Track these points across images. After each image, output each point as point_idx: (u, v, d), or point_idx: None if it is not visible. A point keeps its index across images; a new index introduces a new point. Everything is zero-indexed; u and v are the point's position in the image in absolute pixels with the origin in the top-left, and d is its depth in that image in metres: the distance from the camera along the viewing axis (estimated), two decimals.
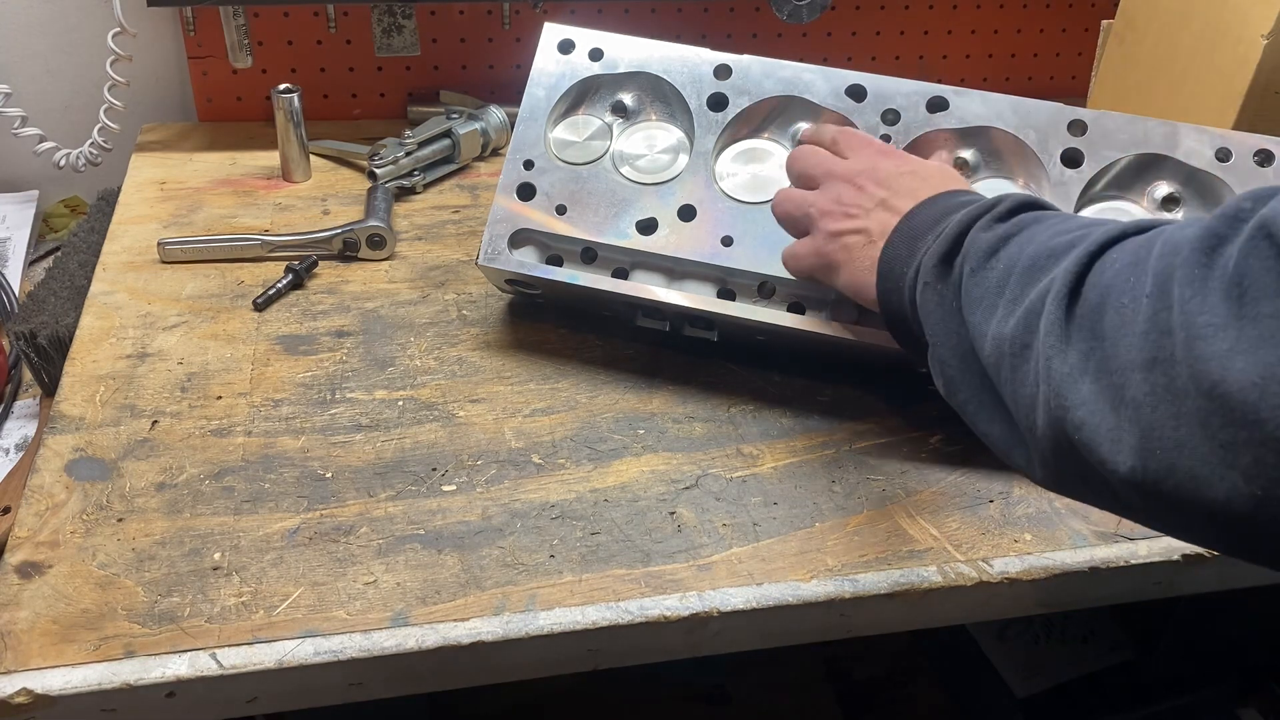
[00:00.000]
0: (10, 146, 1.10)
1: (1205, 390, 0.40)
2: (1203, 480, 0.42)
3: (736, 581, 0.65)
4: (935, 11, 1.29)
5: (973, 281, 0.57)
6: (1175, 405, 0.42)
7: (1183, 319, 0.42)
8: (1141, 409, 0.44)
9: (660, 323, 0.83)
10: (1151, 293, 0.44)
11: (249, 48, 1.11)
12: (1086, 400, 0.46)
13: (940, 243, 0.60)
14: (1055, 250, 0.52)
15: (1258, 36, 0.86)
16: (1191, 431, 0.42)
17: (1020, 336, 0.51)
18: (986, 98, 0.80)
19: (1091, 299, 0.48)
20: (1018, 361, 0.51)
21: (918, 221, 0.65)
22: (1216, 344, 0.40)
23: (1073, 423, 0.47)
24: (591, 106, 0.85)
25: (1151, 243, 0.47)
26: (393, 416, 0.77)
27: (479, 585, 0.64)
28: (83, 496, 0.69)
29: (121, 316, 0.86)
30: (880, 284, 0.66)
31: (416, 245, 0.98)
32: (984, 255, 0.57)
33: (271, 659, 0.59)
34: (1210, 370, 0.40)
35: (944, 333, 0.59)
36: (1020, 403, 0.52)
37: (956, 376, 0.58)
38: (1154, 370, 0.43)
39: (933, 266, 0.60)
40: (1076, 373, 0.47)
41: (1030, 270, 0.53)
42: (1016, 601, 0.69)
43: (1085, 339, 0.47)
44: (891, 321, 0.66)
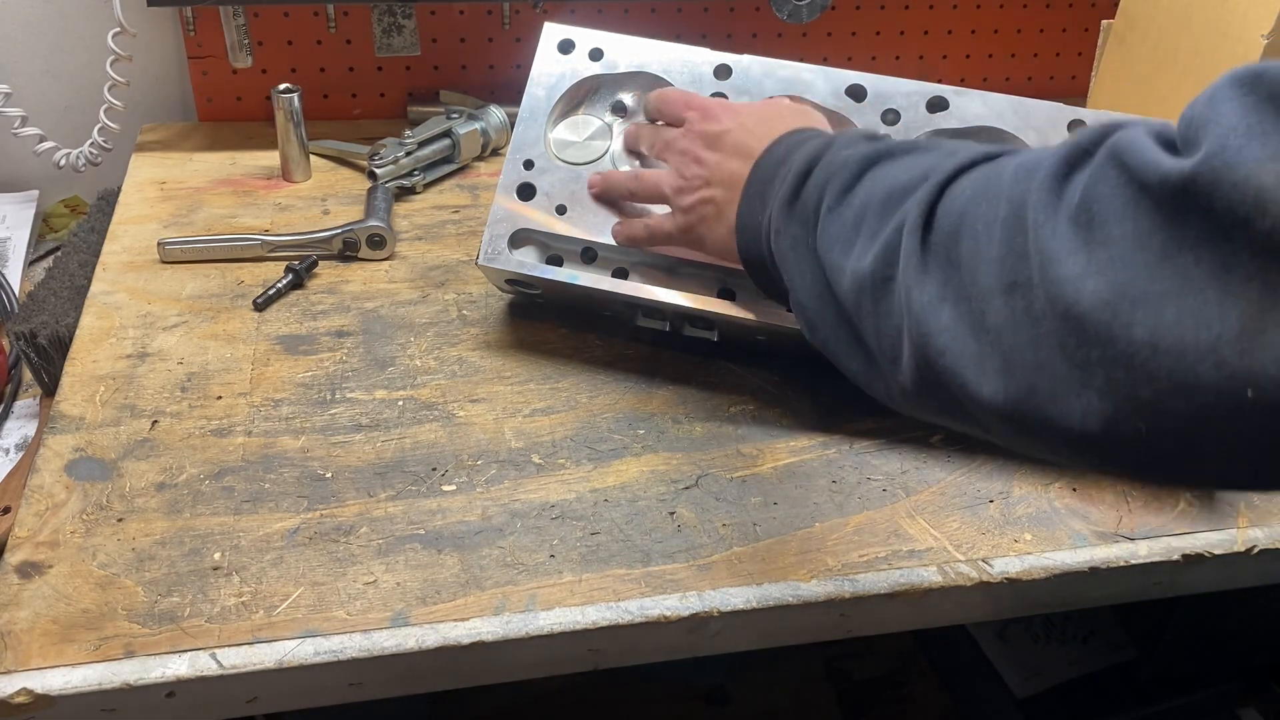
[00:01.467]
0: (10, 146, 1.10)
1: (1060, 313, 0.41)
2: (1061, 400, 0.42)
3: (736, 581, 0.65)
4: (935, 11, 1.29)
5: (829, 220, 0.57)
6: (1034, 328, 0.43)
7: (1036, 244, 0.43)
8: (1002, 333, 0.45)
9: (660, 323, 0.83)
10: (1006, 218, 0.45)
11: (249, 48, 1.11)
12: (948, 327, 0.47)
13: (785, 186, 0.61)
14: (909, 184, 0.53)
15: (1258, 36, 0.86)
16: (1050, 354, 0.42)
17: (880, 270, 0.52)
18: (986, 98, 0.80)
19: (945, 226, 0.49)
20: (879, 294, 0.52)
21: (761, 174, 0.66)
22: (1069, 267, 0.41)
23: (936, 349, 0.48)
24: (591, 106, 0.85)
25: (1002, 169, 0.48)
26: (393, 416, 0.77)
27: (479, 585, 0.64)
28: (83, 496, 0.69)
29: (121, 316, 0.86)
30: (739, 239, 0.68)
31: (416, 245, 0.98)
32: (839, 192, 0.57)
33: (271, 659, 0.59)
34: (1065, 293, 0.41)
35: (799, 274, 0.60)
36: (884, 336, 0.52)
37: (815, 317, 0.59)
38: (1013, 295, 0.44)
39: (781, 211, 0.61)
40: (936, 300, 0.48)
41: (885, 205, 0.54)
42: (1016, 601, 0.69)
43: (942, 266, 0.48)
44: (756, 274, 0.68)
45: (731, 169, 0.69)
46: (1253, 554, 0.71)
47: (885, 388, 0.54)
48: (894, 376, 0.52)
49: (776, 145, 0.67)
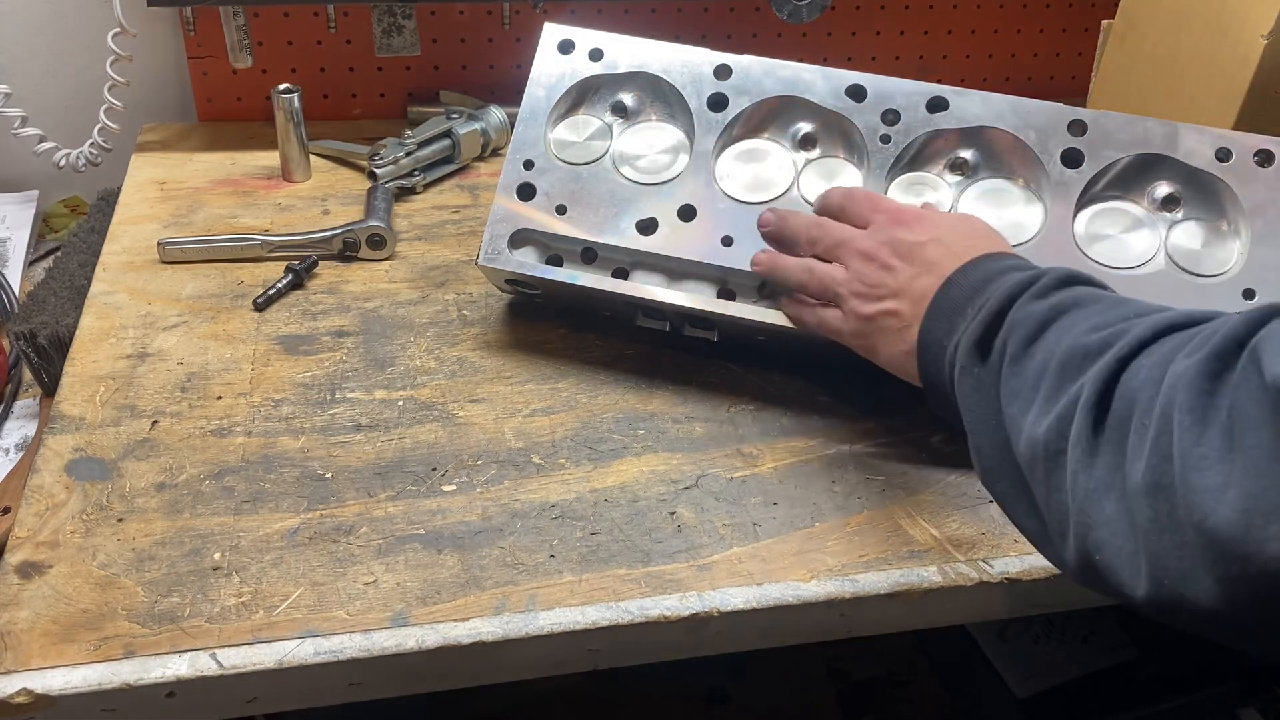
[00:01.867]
0: (10, 146, 1.10)
1: (1196, 523, 0.40)
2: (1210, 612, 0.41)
3: (736, 581, 0.65)
4: (935, 11, 1.29)
5: (1011, 371, 0.55)
6: (1177, 535, 0.42)
7: (1180, 447, 0.41)
8: (1149, 536, 0.43)
9: (660, 323, 0.83)
10: (1158, 417, 0.43)
11: (249, 48, 1.11)
12: (1109, 520, 0.46)
13: (975, 326, 0.58)
14: (1089, 349, 0.51)
15: (1258, 36, 0.86)
16: (1194, 563, 0.41)
17: (1054, 442, 0.50)
18: (986, 98, 0.80)
19: (1119, 411, 0.47)
20: (1052, 466, 0.50)
21: (955, 295, 0.62)
22: (1209, 477, 0.40)
23: (1094, 543, 0.46)
24: (591, 106, 0.85)
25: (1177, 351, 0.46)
26: (393, 416, 0.77)
27: (479, 585, 0.64)
28: (83, 496, 0.69)
29: (121, 316, 0.86)
30: (921, 358, 0.64)
31: (416, 245, 0.98)
32: (1023, 343, 0.55)
33: (271, 659, 0.59)
34: (1202, 503, 0.40)
35: (980, 421, 0.57)
36: (1052, 509, 0.50)
37: (994, 468, 0.56)
38: (1157, 497, 0.43)
39: (969, 350, 0.58)
40: (1101, 489, 0.46)
41: (1064, 369, 0.51)
42: (1016, 601, 0.69)
43: (1112, 453, 0.46)
44: (934, 396, 0.64)
45: (923, 285, 0.64)
46: None
47: (1057, 555, 0.53)
48: (1062, 550, 0.51)
49: (972, 268, 0.63)
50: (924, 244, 0.66)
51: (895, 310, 0.66)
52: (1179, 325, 0.48)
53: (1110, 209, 0.79)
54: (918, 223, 0.68)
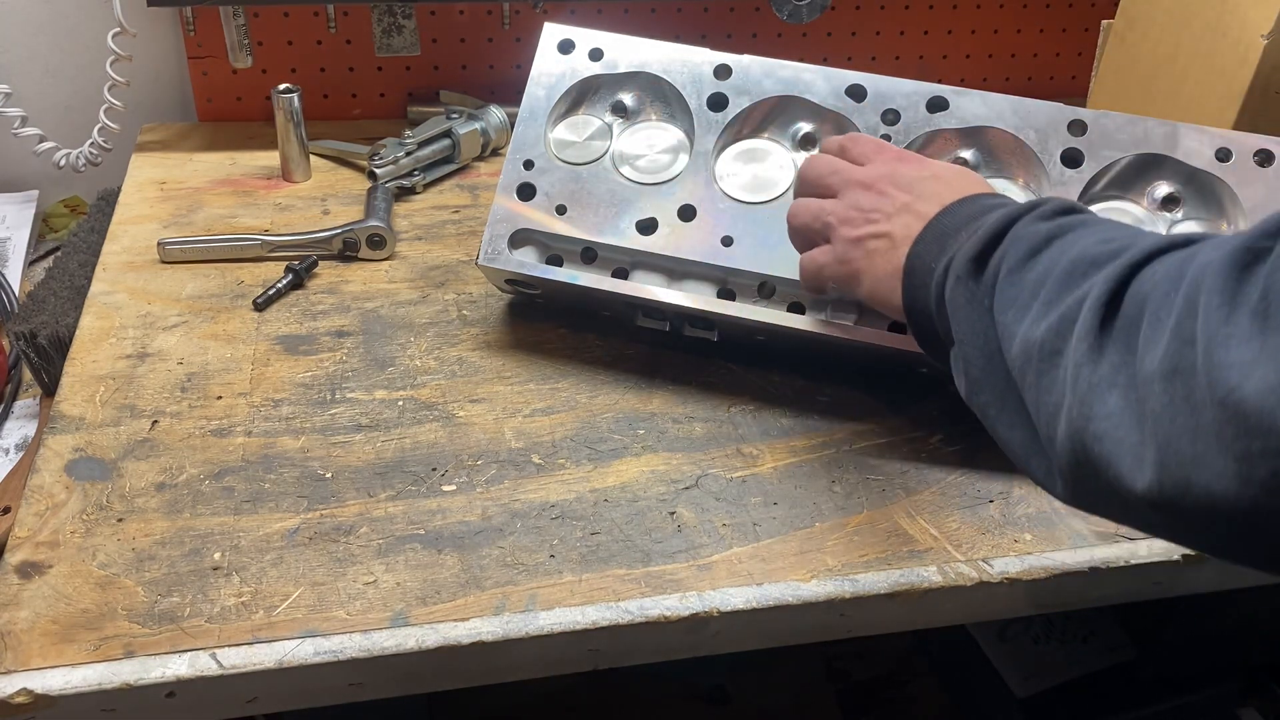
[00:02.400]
0: (10, 146, 1.10)
1: (1220, 399, 0.39)
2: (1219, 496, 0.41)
3: (736, 581, 0.65)
4: (935, 11, 1.29)
5: (1009, 281, 0.55)
6: (1193, 418, 0.41)
7: (1205, 328, 0.41)
8: (1160, 421, 0.43)
9: (660, 323, 0.83)
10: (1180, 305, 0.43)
11: (249, 48, 1.11)
12: (1112, 413, 0.45)
13: (976, 239, 0.58)
14: (1098, 258, 0.51)
15: (1258, 36, 0.86)
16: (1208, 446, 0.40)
17: (1051, 342, 0.50)
18: (986, 98, 0.80)
19: (1129, 312, 0.47)
20: (1045, 367, 0.50)
21: (949, 220, 0.63)
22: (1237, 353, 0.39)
23: (1094, 434, 0.46)
24: (591, 106, 0.85)
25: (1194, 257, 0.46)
26: (393, 416, 0.77)
27: (479, 585, 0.64)
28: (83, 496, 0.69)
29: (121, 316, 0.86)
30: (906, 281, 0.63)
31: (416, 245, 0.98)
32: (1024, 256, 0.55)
33: (271, 659, 0.59)
34: (1228, 377, 0.39)
35: (971, 331, 0.57)
36: (1043, 410, 0.50)
37: (980, 377, 0.56)
38: (1174, 380, 0.42)
39: (967, 261, 0.58)
40: (1105, 384, 0.46)
41: (1069, 275, 0.51)
42: (1016, 601, 0.69)
43: (1119, 351, 0.46)
44: (915, 320, 0.64)
45: (919, 211, 0.64)
46: None
47: (1045, 467, 0.52)
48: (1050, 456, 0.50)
49: (971, 201, 0.63)
50: (924, 178, 0.67)
51: (886, 232, 0.65)
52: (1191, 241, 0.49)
53: (1110, 209, 0.79)
54: (919, 163, 0.69)
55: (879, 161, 0.70)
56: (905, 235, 0.64)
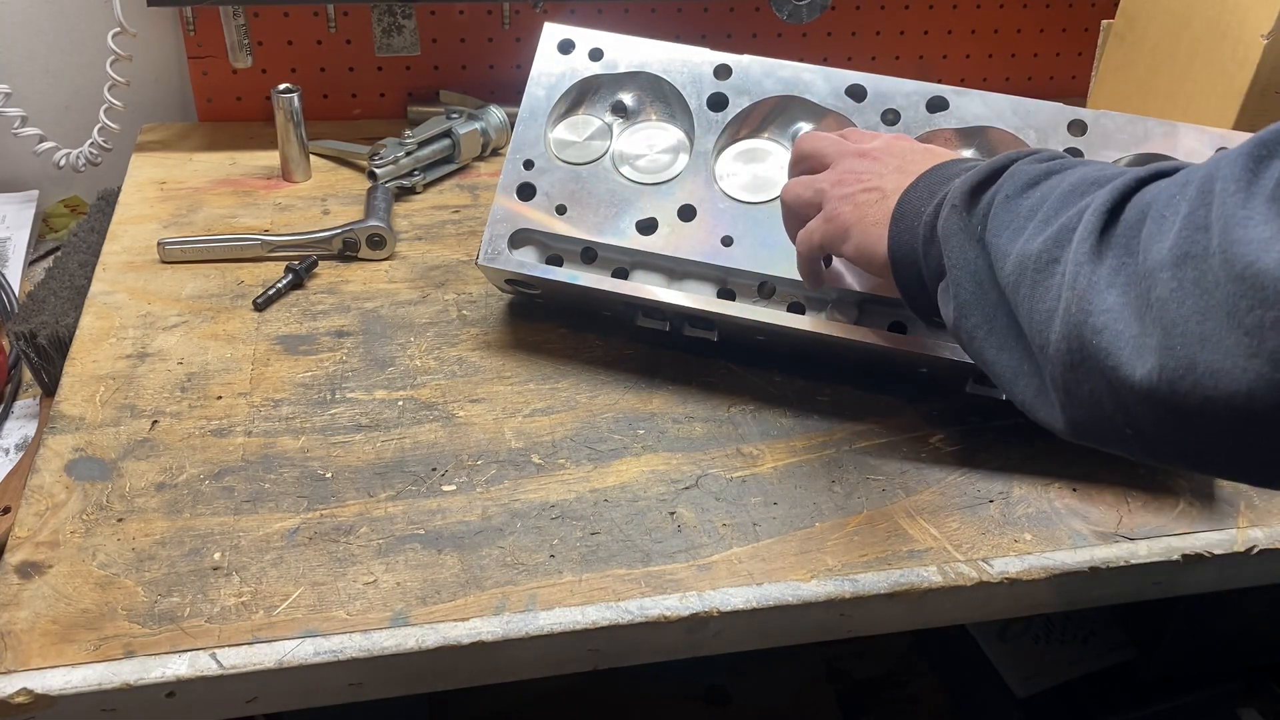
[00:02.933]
0: (10, 146, 1.10)
1: (1237, 273, 0.40)
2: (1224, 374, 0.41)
3: (736, 581, 0.65)
4: (935, 11, 1.29)
5: (1004, 207, 0.56)
6: (1202, 299, 0.42)
7: (1221, 212, 0.42)
8: (1166, 306, 0.43)
9: (660, 323, 0.83)
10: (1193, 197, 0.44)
11: (249, 48, 1.11)
12: (1110, 308, 0.46)
13: (976, 173, 0.59)
14: (1099, 179, 0.51)
15: (1258, 36, 0.86)
16: (1217, 324, 0.41)
17: (1049, 251, 0.50)
18: (986, 98, 0.80)
19: (1130, 217, 0.47)
20: (1041, 276, 0.50)
21: (943, 172, 0.63)
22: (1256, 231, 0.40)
23: (1093, 327, 0.46)
24: (591, 106, 0.85)
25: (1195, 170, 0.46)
26: (393, 416, 0.77)
27: (479, 585, 0.64)
28: (83, 496, 0.69)
29: (121, 316, 0.86)
30: (893, 226, 0.64)
31: (416, 245, 0.98)
32: (1022, 185, 0.56)
33: (271, 659, 0.59)
34: (1246, 253, 0.40)
35: (962, 258, 0.57)
36: (1036, 317, 0.51)
37: (970, 300, 0.57)
38: (1184, 266, 0.43)
39: (964, 191, 0.58)
40: (1104, 283, 0.47)
41: (1069, 195, 0.52)
42: (1016, 601, 0.69)
43: (1119, 254, 0.47)
44: (899, 266, 0.64)
45: (908, 169, 0.66)
46: (1253, 554, 0.71)
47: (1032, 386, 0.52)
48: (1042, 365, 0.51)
49: (965, 160, 0.65)
50: (918, 151, 0.68)
51: (877, 186, 0.66)
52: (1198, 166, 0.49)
53: None
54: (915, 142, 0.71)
55: (876, 140, 0.71)
56: (896, 187, 0.65)
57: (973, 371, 0.77)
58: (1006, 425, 0.78)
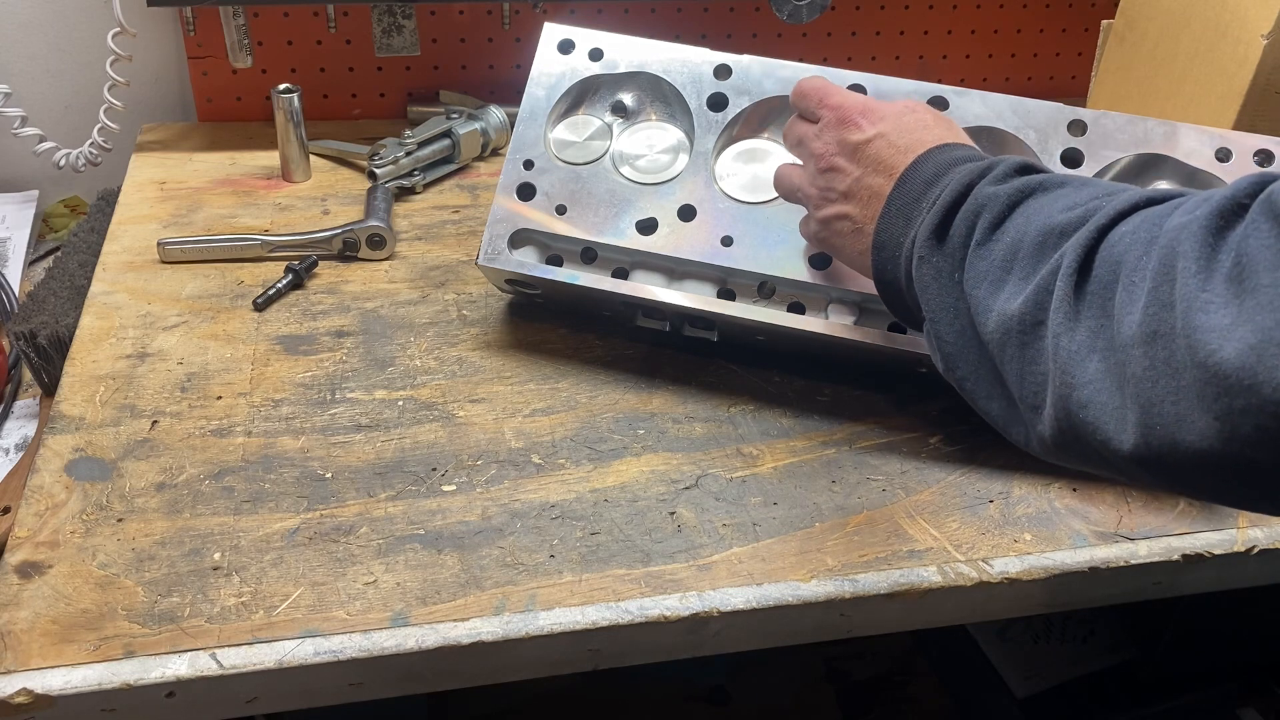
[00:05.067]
0: (10, 146, 1.10)
1: (1200, 361, 0.40)
2: (1204, 452, 0.42)
3: (736, 581, 0.65)
4: (935, 11, 1.29)
5: (977, 255, 0.55)
6: (1174, 380, 0.42)
7: (1183, 292, 0.42)
8: (1142, 384, 0.44)
9: (660, 323, 0.83)
10: (1156, 269, 0.44)
11: (249, 48, 1.11)
12: (1093, 379, 0.46)
13: (933, 214, 0.59)
14: (1065, 226, 0.51)
15: (1258, 36, 0.86)
16: (1190, 405, 0.41)
17: (1031, 314, 0.50)
18: (986, 98, 0.80)
19: (1102, 275, 0.47)
20: (1028, 339, 0.51)
21: (908, 190, 0.63)
22: (1215, 317, 0.40)
23: (1078, 401, 0.47)
24: (591, 106, 0.85)
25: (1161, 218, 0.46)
26: (393, 416, 0.77)
27: (479, 585, 0.64)
28: (83, 496, 0.69)
29: (121, 316, 0.86)
30: (875, 257, 0.65)
31: (416, 245, 0.98)
32: (989, 226, 0.55)
33: (271, 659, 0.59)
34: (1207, 340, 0.40)
35: (941, 308, 0.58)
36: (1027, 382, 0.51)
37: (954, 353, 0.57)
38: (1154, 345, 0.43)
39: (926, 239, 0.59)
40: (1084, 350, 0.47)
41: (1040, 246, 0.52)
42: (1016, 601, 0.69)
43: (1095, 316, 0.47)
44: (888, 295, 0.65)
45: (872, 185, 0.65)
46: (1253, 554, 0.71)
47: (1024, 433, 0.53)
48: (1034, 425, 0.51)
49: (923, 162, 0.63)
50: (869, 141, 0.67)
51: (846, 214, 0.67)
52: (1154, 200, 0.49)
53: None
54: (863, 117, 0.68)
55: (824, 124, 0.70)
56: (866, 215, 0.66)
57: None
58: None
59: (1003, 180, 0.58)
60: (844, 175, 0.67)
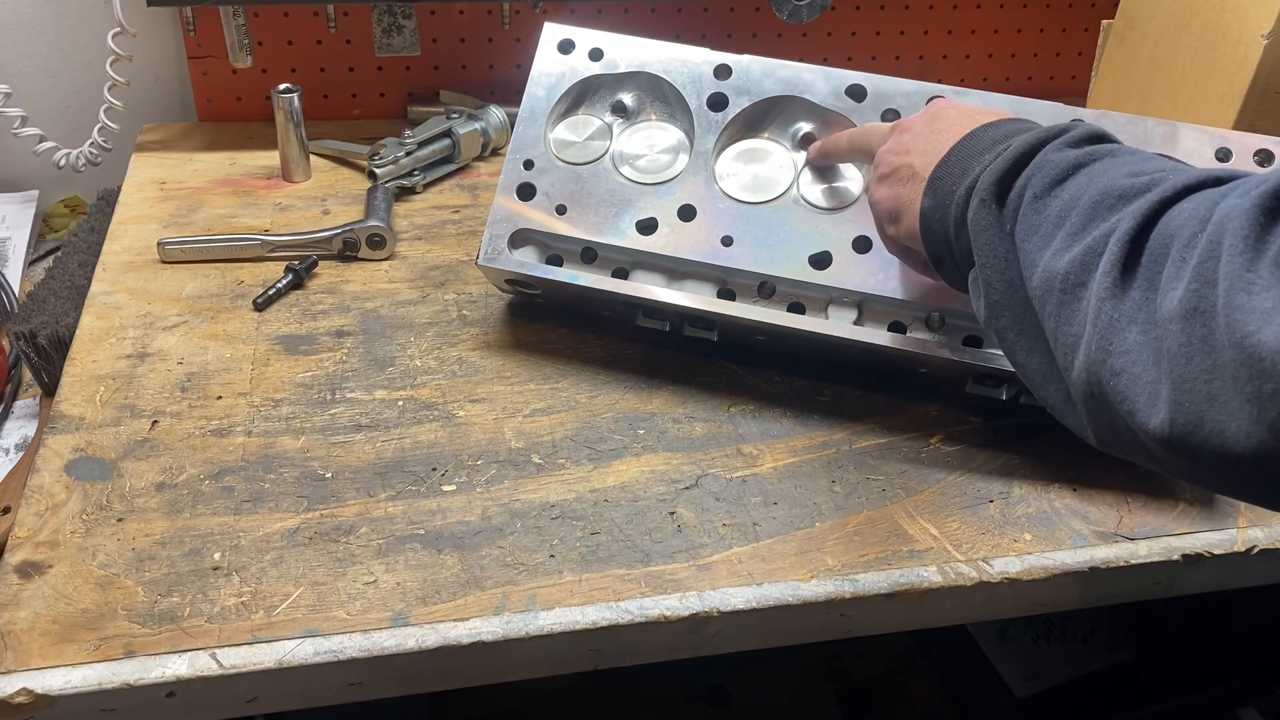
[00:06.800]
0: (10, 146, 1.10)
1: (1238, 341, 0.40)
2: (1230, 435, 0.41)
3: (736, 581, 0.65)
4: (935, 11, 1.29)
5: (1033, 208, 0.55)
6: (1210, 358, 0.42)
7: (1227, 271, 0.42)
8: (1176, 360, 0.43)
9: (660, 323, 0.83)
10: (1204, 246, 0.44)
11: (249, 48, 1.11)
12: (1130, 349, 0.46)
13: (1001, 161, 0.58)
14: (1126, 191, 0.51)
15: (1258, 36, 0.86)
16: (1223, 385, 0.41)
17: (1075, 274, 0.50)
18: (986, 98, 0.80)
19: (1155, 249, 0.47)
20: (1067, 298, 0.50)
21: (973, 144, 0.62)
22: (1258, 299, 0.40)
23: (1111, 369, 0.47)
24: (591, 106, 0.85)
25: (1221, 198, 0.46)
26: (393, 416, 0.77)
27: (479, 585, 0.64)
28: (83, 496, 0.69)
29: (121, 316, 0.86)
30: (925, 202, 0.63)
31: (416, 245, 0.98)
32: (1050, 182, 0.55)
33: (271, 659, 0.59)
34: (1246, 321, 0.40)
35: (992, 255, 0.57)
36: (1061, 340, 0.51)
37: (1000, 301, 0.56)
38: (1193, 321, 0.43)
39: (991, 184, 0.58)
40: (1125, 320, 0.47)
41: (1096, 206, 0.51)
42: (1016, 601, 0.69)
43: (1141, 288, 0.47)
44: (931, 243, 0.64)
45: (943, 141, 0.64)
46: (1253, 554, 0.71)
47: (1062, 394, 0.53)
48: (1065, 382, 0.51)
49: (996, 126, 0.63)
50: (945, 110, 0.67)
51: (909, 163, 0.66)
52: (1221, 179, 0.49)
53: None
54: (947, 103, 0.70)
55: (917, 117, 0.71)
56: (927, 164, 0.65)
57: (972, 371, 0.77)
58: (1006, 425, 0.78)
59: (1076, 144, 0.57)
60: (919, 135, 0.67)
